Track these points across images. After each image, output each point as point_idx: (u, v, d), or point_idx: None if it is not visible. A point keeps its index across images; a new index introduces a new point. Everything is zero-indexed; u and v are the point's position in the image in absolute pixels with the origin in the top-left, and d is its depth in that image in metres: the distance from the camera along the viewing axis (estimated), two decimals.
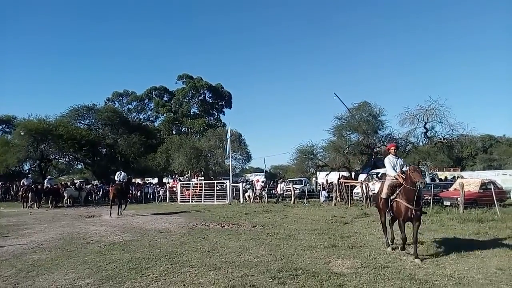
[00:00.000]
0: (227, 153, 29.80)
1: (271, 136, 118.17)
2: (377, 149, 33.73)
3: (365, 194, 20.33)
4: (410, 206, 6.99)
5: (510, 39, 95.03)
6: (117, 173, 17.54)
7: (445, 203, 17.50)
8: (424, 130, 32.59)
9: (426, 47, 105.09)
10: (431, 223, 12.06)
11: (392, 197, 7.48)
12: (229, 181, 26.67)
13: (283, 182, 26.13)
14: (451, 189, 18.81)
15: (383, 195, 7.74)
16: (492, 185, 17.84)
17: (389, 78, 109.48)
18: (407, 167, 7.57)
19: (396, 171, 7.67)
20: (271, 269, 6.30)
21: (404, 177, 7.19)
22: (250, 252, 7.81)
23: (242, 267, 6.48)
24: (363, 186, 20.95)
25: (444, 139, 32.51)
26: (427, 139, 33.29)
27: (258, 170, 54.82)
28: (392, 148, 8.32)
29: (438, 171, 36.92)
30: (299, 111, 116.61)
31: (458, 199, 15.66)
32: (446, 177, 31.34)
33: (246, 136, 66.45)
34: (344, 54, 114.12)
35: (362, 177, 27.31)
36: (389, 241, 8.06)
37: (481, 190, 17.44)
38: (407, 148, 33.84)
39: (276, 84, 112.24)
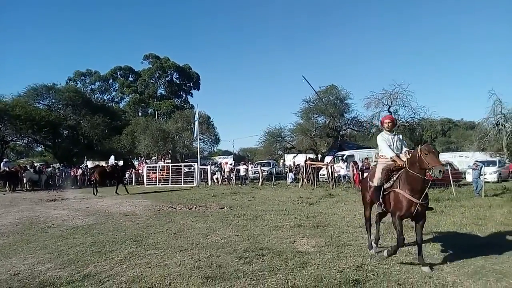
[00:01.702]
0: (195, 135, 29.48)
1: (240, 118, 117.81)
2: (343, 131, 34.56)
3: (331, 176, 20.83)
4: (414, 200, 5.09)
5: (469, 25, 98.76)
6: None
7: None
8: (388, 114, 33.61)
9: (391, 32, 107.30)
10: None
11: (386, 186, 5.48)
12: (197, 164, 26.50)
13: (245, 165, 26.19)
14: None
15: (375, 182, 5.65)
16: (449, 166, 18.74)
17: (357, 62, 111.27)
18: (406, 147, 5.86)
19: (393, 152, 5.68)
20: (237, 249, 6.37)
21: (410, 159, 5.25)
22: (217, 234, 7.84)
23: (209, 248, 6.51)
24: (329, 168, 21.43)
25: (406, 122, 33.72)
26: None
27: (226, 153, 54.72)
28: (387, 121, 6.01)
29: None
30: (268, 93, 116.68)
31: None
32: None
33: (215, 118, 65.86)
34: (312, 38, 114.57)
35: (328, 159, 27.90)
36: (373, 242, 6.18)
37: None
38: (371, 131, 34.85)
39: (245, 67, 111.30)
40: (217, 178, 25.76)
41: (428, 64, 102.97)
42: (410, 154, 5.36)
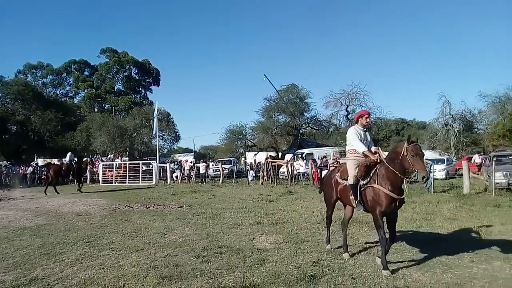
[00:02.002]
0: (154, 132, 28.83)
1: (201, 116, 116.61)
2: (303, 130, 35.23)
3: (290, 173, 21.14)
4: (394, 195, 4.92)
5: (420, 28, 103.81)
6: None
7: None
8: (346, 113, 34.67)
9: (350, 34, 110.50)
10: None
11: (363, 182, 5.16)
12: (156, 162, 25.94)
13: (204, 163, 25.98)
14: None
15: (351, 180, 5.24)
16: None
17: (316, 61, 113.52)
18: (376, 146, 5.69)
19: (366, 147, 5.42)
20: (195, 248, 6.29)
21: (391, 155, 5.04)
22: (175, 232, 7.70)
23: (166, 248, 6.38)
24: (289, 165, 21.73)
25: None
26: (348, 122, 35.49)
27: (187, 151, 53.98)
28: (366, 116, 5.74)
29: None
30: (229, 91, 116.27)
31: None
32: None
33: (175, 115, 64.92)
34: (274, 37, 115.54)
35: (288, 157, 28.29)
36: (346, 245, 5.77)
37: None
38: (330, 129, 35.81)
39: (207, 64, 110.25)
40: (176, 176, 25.35)
41: (383, 65, 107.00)
42: (393, 150, 5.14)
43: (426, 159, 20.23)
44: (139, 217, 9.82)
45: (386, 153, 5.44)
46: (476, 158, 27.38)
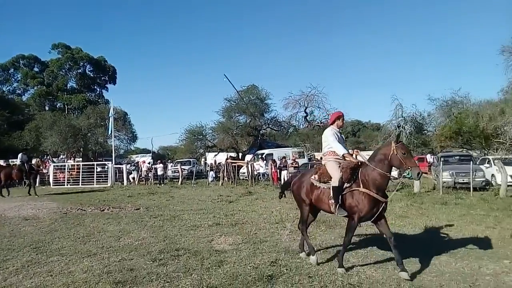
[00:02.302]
0: (110, 132, 27.80)
1: (159, 116, 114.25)
2: (263, 131, 35.50)
3: (251, 174, 21.21)
4: (380, 198, 4.82)
5: (379, 33, 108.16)
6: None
7: None
8: (305, 114, 35.42)
9: (308, 36, 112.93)
10: None
11: (347, 185, 4.96)
12: (112, 163, 25.05)
13: (162, 163, 25.42)
14: None
15: (335, 182, 4.93)
16: None
17: (276, 63, 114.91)
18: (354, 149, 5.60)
19: (346, 149, 5.24)
20: (152, 251, 6.12)
21: (377, 156, 4.93)
22: (130, 236, 7.45)
23: (121, 252, 6.15)
24: (249, 166, 21.80)
25: (321, 123, 35.82)
26: (306, 123, 36.28)
27: (145, 151, 52.61)
28: (342, 117, 5.53)
29: (315, 152, 40.52)
30: (189, 91, 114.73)
31: None
32: (321, 157, 34.57)
33: (132, 115, 62.96)
34: (235, 38, 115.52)
35: (248, 157, 28.39)
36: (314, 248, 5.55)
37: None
38: (289, 130, 36.36)
39: (166, 63, 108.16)
40: (133, 178, 24.62)
41: (340, 68, 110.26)
42: (378, 152, 5.04)
43: None
44: (92, 221, 9.41)
45: (364, 155, 5.57)
46: (428, 157, 28.96)
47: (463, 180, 14.91)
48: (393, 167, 4.85)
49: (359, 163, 5.06)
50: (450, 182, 15.05)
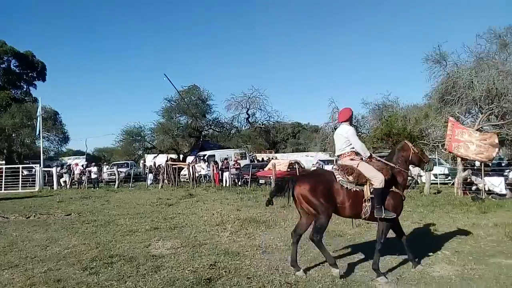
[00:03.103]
0: (38, 133, 25.78)
1: (95, 115, 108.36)
2: (205, 132, 35.16)
3: (192, 176, 20.88)
4: (404, 196, 5.05)
5: (316, 38, 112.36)
6: None
7: (260, 181, 19.57)
8: (247, 116, 35.70)
9: (249, 38, 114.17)
10: (248, 200, 13.30)
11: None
12: (40, 165, 23.21)
13: (96, 166, 24.14)
14: (266, 169, 21.12)
15: (381, 184, 4.65)
16: (297, 164, 20.88)
17: (217, 64, 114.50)
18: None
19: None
20: (82, 259, 5.74)
21: (402, 157, 5.11)
22: (59, 244, 6.93)
23: (47, 261, 5.69)
24: (190, 168, 21.44)
25: (262, 124, 36.38)
26: (248, 124, 36.60)
27: (78, 153, 49.58)
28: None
29: (257, 153, 41.00)
30: (127, 90, 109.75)
31: (271, 177, 17.71)
32: (262, 159, 35.08)
33: (64, 114, 59.18)
34: (175, 37, 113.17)
35: (190, 159, 27.92)
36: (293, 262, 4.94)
37: (289, 169, 20.19)
38: (231, 132, 36.41)
39: (102, 60, 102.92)
40: (65, 182, 23.01)
41: (281, 71, 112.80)
42: (399, 153, 5.16)
43: (319, 160, 21.95)
44: (15, 229, 8.61)
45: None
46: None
47: None
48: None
49: (388, 165, 4.97)
50: None
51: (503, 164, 17.35)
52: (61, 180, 23.13)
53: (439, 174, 15.57)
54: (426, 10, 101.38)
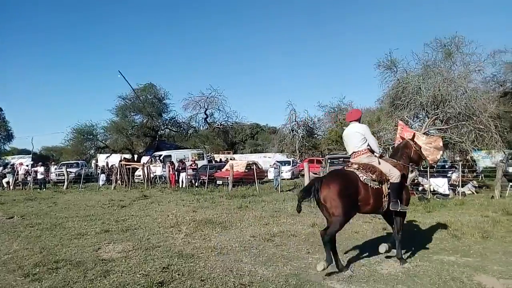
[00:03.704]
0: None
1: (42, 112, 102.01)
2: (161, 131, 34.37)
3: (147, 177, 20.31)
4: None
5: (275, 40, 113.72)
6: None
7: (218, 182, 19.42)
8: (205, 116, 35.39)
9: (210, 38, 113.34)
10: (204, 201, 13.15)
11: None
12: None
13: (43, 166, 22.78)
14: (223, 169, 21.01)
15: (398, 179, 5.06)
16: (254, 165, 20.96)
17: (176, 63, 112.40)
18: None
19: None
20: (24, 265, 5.39)
21: (406, 155, 5.50)
22: None
23: None
24: (145, 168, 20.85)
25: (221, 125, 36.23)
26: (207, 125, 36.29)
27: (24, 152, 46.56)
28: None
29: (215, 153, 40.75)
30: (77, 86, 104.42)
31: (228, 178, 17.65)
32: (221, 159, 34.91)
33: (7, 110, 55.45)
34: (131, 34, 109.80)
35: (145, 159, 27.15)
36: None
37: (247, 170, 20.22)
38: (189, 131, 35.91)
39: (50, 54, 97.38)
40: (7, 182, 21.49)
41: (240, 72, 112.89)
42: (402, 150, 5.56)
43: (276, 161, 22.19)
44: None
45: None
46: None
47: None
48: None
49: (398, 162, 5.37)
50: None
51: (446, 166, 18.46)
52: (4, 180, 21.61)
53: None
54: (381, 17, 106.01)
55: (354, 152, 5.22)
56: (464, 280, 4.51)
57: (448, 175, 14.84)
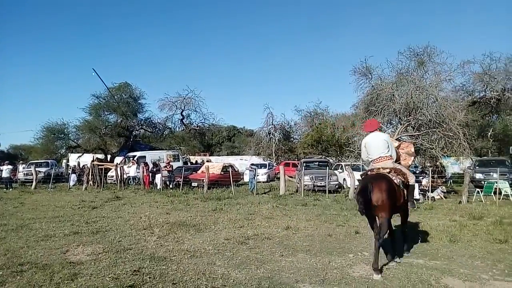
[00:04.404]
0: None
1: (11, 109, 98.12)
2: (136, 132, 33.79)
3: (120, 177, 19.89)
4: None
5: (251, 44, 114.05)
6: None
7: (193, 184, 19.24)
8: (181, 117, 35.06)
9: (188, 39, 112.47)
10: (179, 203, 12.99)
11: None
12: None
13: (10, 165, 21.95)
14: (199, 171, 20.84)
15: (413, 181, 5.81)
16: (231, 168, 20.90)
17: (153, 62, 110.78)
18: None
19: None
20: None
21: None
22: None
23: None
24: (118, 169, 20.40)
25: (197, 126, 35.97)
26: (183, 126, 35.96)
27: None
28: None
29: (191, 155, 40.37)
30: (48, 83, 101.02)
31: (204, 180, 17.51)
32: (196, 161, 34.64)
33: None
34: (107, 32, 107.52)
35: (118, 159, 26.59)
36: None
37: (222, 172, 20.15)
38: (165, 132, 35.47)
39: (20, 50, 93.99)
40: None
41: (217, 74, 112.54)
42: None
43: (251, 164, 22.19)
44: None
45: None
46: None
47: (320, 183, 16.67)
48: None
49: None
50: (310, 185, 16.66)
51: (417, 172, 19.01)
52: None
53: None
54: (358, 24, 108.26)
55: (380, 157, 5.60)
56: (432, 282, 4.64)
57: (419, 180, 15.27)
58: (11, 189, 19.56)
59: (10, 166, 21.47)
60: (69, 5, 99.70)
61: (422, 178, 15.21)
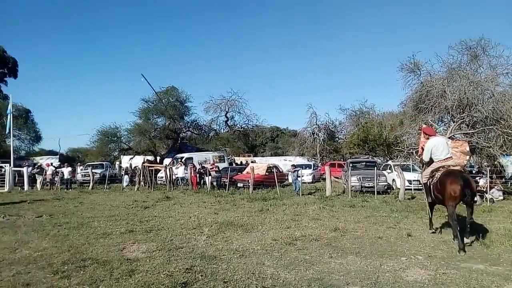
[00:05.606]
0: (8, 131, 24.87)
1: (69, 115, 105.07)
2: (183, 134, 34.83)
3: (169, 178, 20.61)
4: None
5: (297, 44, 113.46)
6: None
7: (239, 185, 19.52)
8: (225, 119, 35.64)
9: (231, 42, 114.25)
10: (226, 203, 13.24)
11: None
12: (10, 165, 22.38)
13: (70, 167, 23.40)
14: (244, 172, 21.10)
15: None
16: (275, 169, 20.95)
17: (198, 66, 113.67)
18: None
19: None
20: (53, 263, 5.56)
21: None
22: (29, 247, 6.69)
23: (16, 265, 5.49)
24: (167, 170, 21.16)
25: (241, 128, 36.38)
26: (227, 127, 36.53)
27: (51, 153, 48.05)
28: None
29: (235, 156, 40.93)
30: (102, 89, 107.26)
31: (249, 181, 17.70)
32: (241, 162, 35.03)
33: (36, 112, 57.39)
34: (155, 38, 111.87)
35: (167, 161, 27.56)
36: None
37: (267, 173, 20.24)
38: (210, 134, 36.25)
39: (76, 58, 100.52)
40: (38, 182, 22.25)
41: (260, 75, 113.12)
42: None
43: (293, 165, 22.06)
44: None
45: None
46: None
47: (368, 184, 16.24)
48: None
49: None
50: (358, 186, 16.27)
51: (473, 172, 17.95)
52: (38, 181, 22.34)
53: (413, 180, 15.92)
54: (404, 19, 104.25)
55: (448, 157, 6.86)
56: None
57: (476, 180, 14.42)
58: (71, 189, 20.95)
59: (70, 168, 22.98)
60: (116, 17, 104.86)
61: (479, 179, 14.35)
